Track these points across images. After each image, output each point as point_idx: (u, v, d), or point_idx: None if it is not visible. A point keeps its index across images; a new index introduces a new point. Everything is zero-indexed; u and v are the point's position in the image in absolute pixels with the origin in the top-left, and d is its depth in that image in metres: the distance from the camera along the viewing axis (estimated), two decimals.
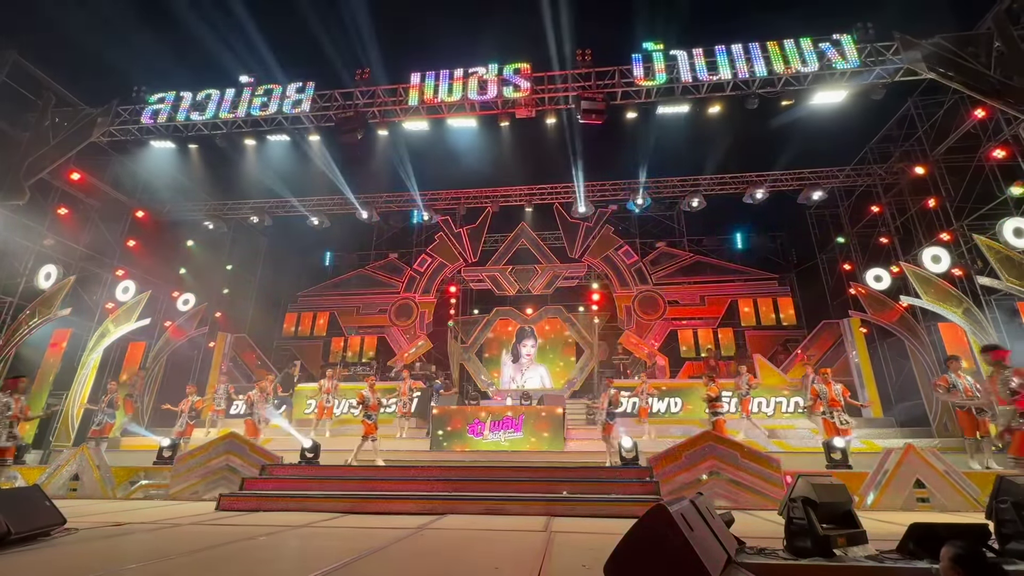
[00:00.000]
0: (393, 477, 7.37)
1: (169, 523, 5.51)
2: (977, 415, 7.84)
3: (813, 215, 18.25)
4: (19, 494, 5.02)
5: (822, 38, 10.82)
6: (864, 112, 12.08)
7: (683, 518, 2.72)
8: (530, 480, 7.17)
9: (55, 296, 11.86)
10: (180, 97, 12.28)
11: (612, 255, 18.88)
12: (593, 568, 3.26)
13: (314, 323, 19.86)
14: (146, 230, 15.72)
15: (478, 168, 15.77)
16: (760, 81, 10.99)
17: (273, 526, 5.27)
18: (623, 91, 11.53)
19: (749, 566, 3.13)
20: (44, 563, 3.64)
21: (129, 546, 4.36)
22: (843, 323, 15.03)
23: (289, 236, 19.28)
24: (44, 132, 11.63)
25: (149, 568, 3.42)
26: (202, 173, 14.95)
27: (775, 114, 12.12)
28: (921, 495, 6.61)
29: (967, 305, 10.92)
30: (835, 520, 3.69)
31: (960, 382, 8.04)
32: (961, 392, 7.95)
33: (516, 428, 11.33)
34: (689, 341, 18.04)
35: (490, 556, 3.97)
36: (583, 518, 5.94)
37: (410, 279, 19.52)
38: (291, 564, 3.60)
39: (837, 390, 8.47)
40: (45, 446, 11.96)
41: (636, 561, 2.64)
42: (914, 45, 10.31)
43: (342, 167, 14.88)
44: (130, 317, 13.31)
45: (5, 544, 4.13)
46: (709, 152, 15.25)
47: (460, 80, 11.57)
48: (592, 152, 14.73)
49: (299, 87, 12.07)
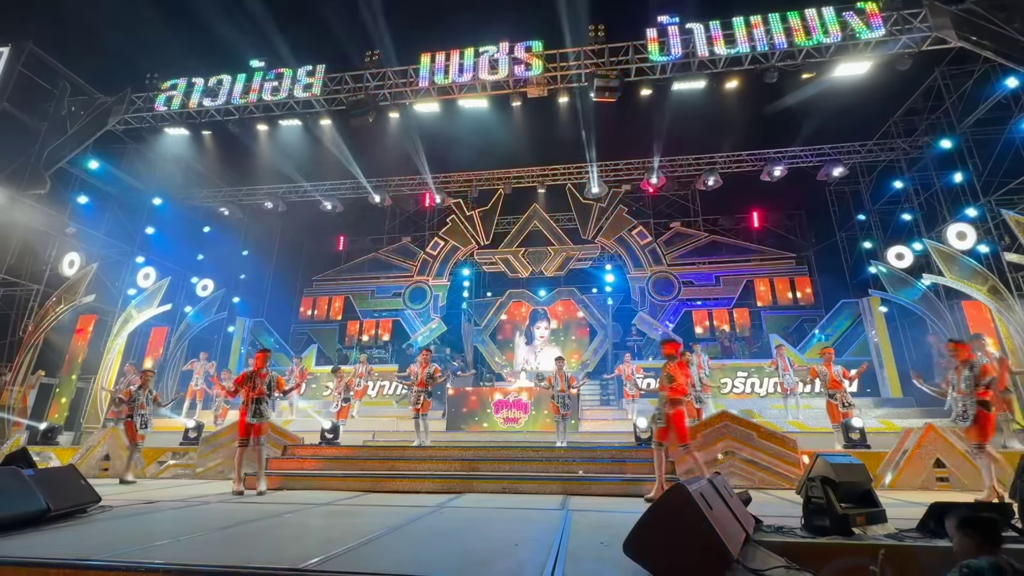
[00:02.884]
0: (411, 457, 7.52)
1: (198, 501, 5.72)
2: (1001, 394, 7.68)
3: (833, 192, 17.81)
4: (56, 473, 5.24)
5: (845, 6, 10.39)
6: (888, 84, 11.63)
7: (702, 496, 2.75)
8: (546, 460, 7.27)
9: (79, 283, 12.17)
10: (192, 83, 12.31)
11: (626, 236, 18.69)
12: (611, 545, 3.31)
13: (330, 307, 20.10)
14: (164, 217, 15.97)
15: (489, 149, 15.60)
16: (780, 54, 10.63)
17: (296, 504, 5.43)
18: (637, 67, 11.26)
19: (767, 544, 3.15)
20: (84, 538, 3.81)
21: (162, 522, 4.54)
22: (862, 302, 14.77)
23: (303, 221, 19.42)
24: (61, 121, 11.79)
25: (184, 543, 3.56)
26: (216, 160, 15.06)
27: (795, 88, 11.75)
28: (941, 475, 6.56)
29: (993, 283, 10.63)
30: (854, 499, 3.68)
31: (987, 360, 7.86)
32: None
33: (530, 409, 11.44)
34: (704, 322, 17.91)
35: (509, 533, 4.04)
36: (599, 497, 6.02)
37: (423, 262, 19.59)
38: (316, 540, 3.71)
39: (837, 371, 8.36)
40: (76, 428, 12.41)
41: (656, 538, 2.68)
42: (943, 11, 9.87)
43: (354, 151, 14.85)
44: (152, 303, 13.64)
45: (45, 521, 4.33)
46: (726, 129, 14.84)
47: (471, 60, 11.39)
48: (605, 131, 14.44)
49: (309, 70, 12.01)
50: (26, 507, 4.25)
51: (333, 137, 13.86)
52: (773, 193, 17.20)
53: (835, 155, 15.60)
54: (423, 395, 8.37)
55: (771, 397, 12.83)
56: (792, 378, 11.02)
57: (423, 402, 8.36)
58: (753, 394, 13.36)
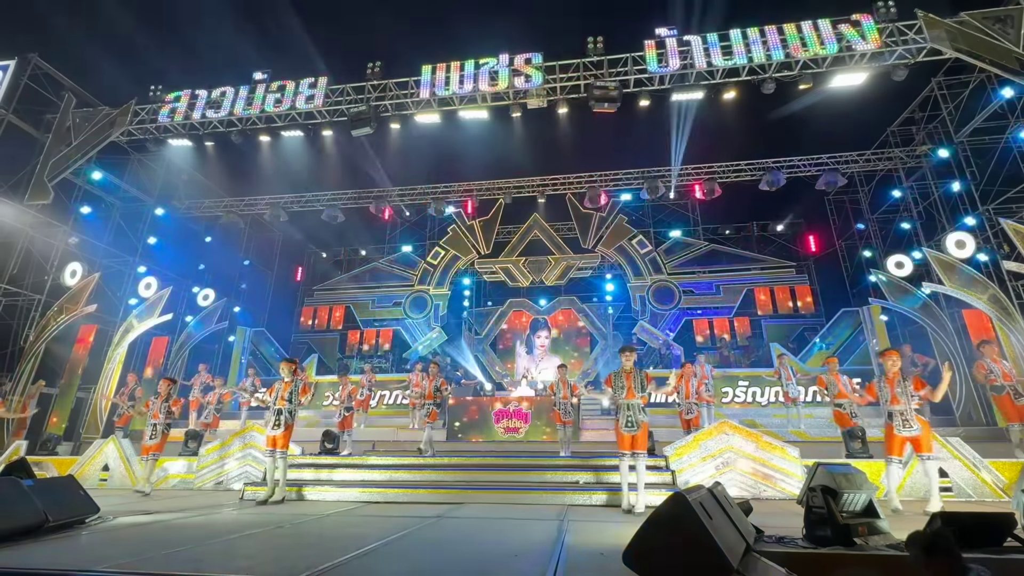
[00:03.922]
0: (412, 466, 7.48)
1: (197, 511, 5.69)
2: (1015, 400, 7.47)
3: (832, 201, 17.87)
4: (55, 484, 5.23)
5: (841, 19, 10.52)
6: (885, 94, 11.73)
7: (701, 506, 2.73)
8: (546, 469, 7.23)
9: (81, 293, 12.20)
10: (196, 95, 12.43)
11: (626, 245, 18.73)
12: (610, 556, 3.29)
13: (330, 316, 20.11)
14: (166, 227, 16.05)
15: (490, 160, 15.74)
16: (777, 65, 10.74)
17: (296, 514, 5.41)
18: (636, 78, 11.37)
19: (768, 554, 3.12)
20: (81, 549, 3.79)
21: (161, 533, 4.51)
22: (863, 311, 14.76)
23: (304, 231, 19.51)
24: (65, 132, 11.90)
25: (184, 553, 3.54)
26: (218, 170, 15.18)
27: (792, 98, 11.85)
28: (944, 484, 6.51)
29: (993, 291, 10.63)
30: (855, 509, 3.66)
31: (996, 367, 7.77)
32: (999, 377, 7.67)
33: (531, 418, 11.40)
34: (705, 331, 17.88)
35: (508, 544, 4.02)
36: (599, 507, 5.98)
37: (424, 272, 19.63)
38: (316, 551, 3.69)
39: (844, 380, 8.32)
40: (76, 438, 12.37)
41: (655, 549, 2.66)
42: (938, 24, 9.98)
43: (355, 162, 14.98)
44: (153, 312, 13.65)
45: (43, 531, 4.31)
46: (725, 139, 14.98)
47: (471, 71, 11.52)
48: (605, 141, 14.58)
49: (311, 82, 12.13)
50: (24, 518, 4.23)
51: (334, 148, 13.97)
52: (773, 202, 17.29)
53: (833, 165, 15.69)
54: (431, 407, 8.50)
55: (773, 406, 12.78)
56: (795, 387, 10.97)
57: (432, 413, 8.49)
58: (755, 403, 13.31)
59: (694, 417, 9.07)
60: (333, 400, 13.40)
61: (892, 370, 5.96)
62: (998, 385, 7.62)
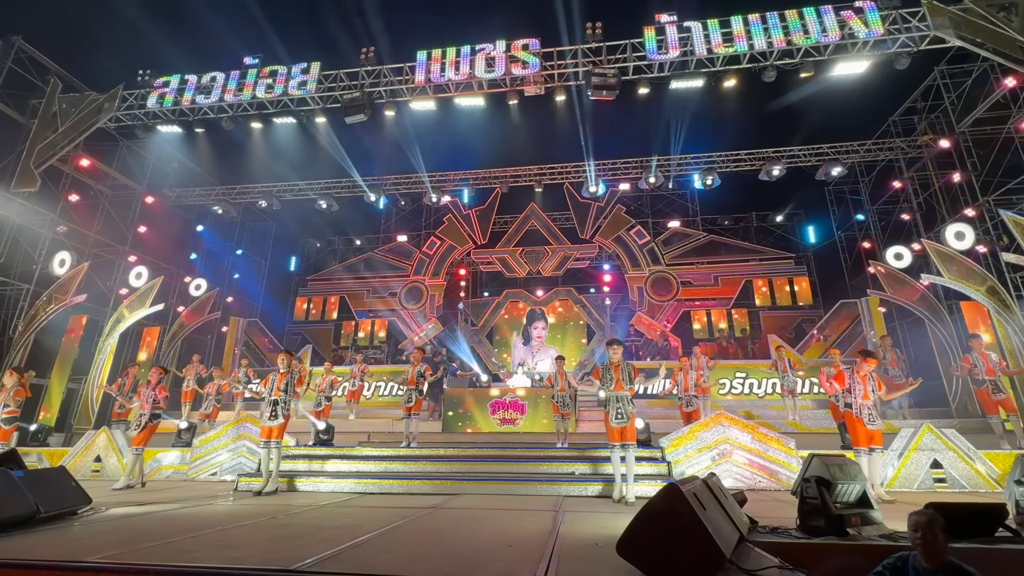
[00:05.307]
0: (407, 457, 7.43)
1: (191, 502, 5.63)
2: (993, 395, 7.66)
3: (832, 192, 17.79)
4: (46, 475, 5.15)
5: (843, 5, 10.35)
6: (887, 83, 11.60)
7: (695, 497, 2.68)
8: (541, 460, 7.19)
9: (70, 282, 12.05)
10: (185, 80, 12.18)
11: (624, 235, 18.63)
12: (605, 546, 3.24)
13: (325, 307, 20.00)
14: (156, 216, 15.84)
15: (486, 148, 15.59)
16: (778, 52, 10.58)
17: (290, 505, 5.35)
18: (635, 65, 11.20)
19: (762, 544, 3.08)
20: (74, 540, 3.74)
21: (154, 524, 4.45)
22: (861, 302, 14.74)
23: (298, 220, 19.32)
24: (51, 118, 11.67)
25: (175, 544, 3.49)
26: (210, 158, 14.97)
27: (793, 87, 11.70)
28: (938, 475, 6.51)
29: (991, 283, 10.60)
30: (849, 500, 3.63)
31: (982, 361, 7.83)
32: (983, 371, 7.75)
33: (527, 409, 11.36)
34: (703, 322, 17.86)
35: (503, 534, 3.97)
36: (594, 498, 5.95)
37: (419, 262, 19.50)
38: (309, 541, 3.63)
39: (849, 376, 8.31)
40: (67, 429, 12.29)
41: (649, 540, 2.62)
42: (942, 11, 9.83)
43: (349, 149, 14.80)
44: (144, 302, 13.50)
45: (35, 522, 4.25)
46: (724, 128, 14.85)
47: (467, 57, 11.32)
48: (603, 130, 14.43)
49: (304, 68, 11.90)
50: (16, 509, 4.18)
51: (328, 135, 13.77)
52: (772, 192, 17.20)
53: (834, 154, 15.57)
54: (414, 393, 8.29)
55: (770, 398, 12.77)
56: (792, 379, 10.95)
57: (415, 401, 8.29)
58: (752, 395, 13.30)
59: (694, 410, 9.05)
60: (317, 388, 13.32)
61: (867, 369, 6.01)
62: (979, 379, 7.81)
